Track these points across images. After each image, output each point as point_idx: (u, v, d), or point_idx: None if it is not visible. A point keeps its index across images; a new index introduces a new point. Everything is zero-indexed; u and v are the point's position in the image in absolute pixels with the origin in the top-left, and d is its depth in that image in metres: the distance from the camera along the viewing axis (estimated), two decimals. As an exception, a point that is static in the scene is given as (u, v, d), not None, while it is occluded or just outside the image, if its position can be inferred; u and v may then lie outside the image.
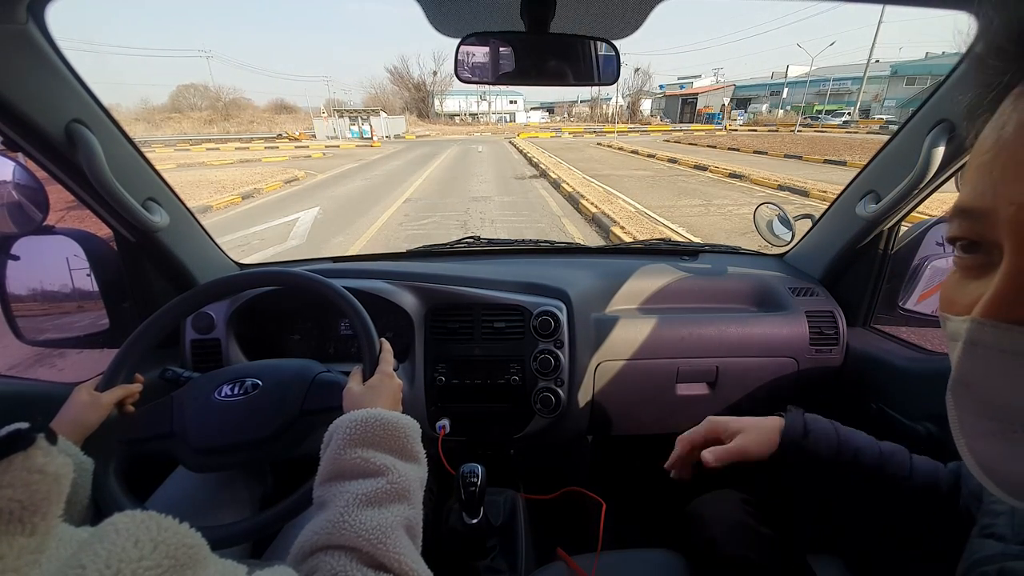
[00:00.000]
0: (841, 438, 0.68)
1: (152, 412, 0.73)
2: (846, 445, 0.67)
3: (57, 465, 0.31)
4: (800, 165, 13.04)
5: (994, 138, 0.27)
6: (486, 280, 1.11)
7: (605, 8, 0.73)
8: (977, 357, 0.27)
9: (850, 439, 0.68)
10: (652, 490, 1.37)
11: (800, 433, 0.69)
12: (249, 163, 16.52)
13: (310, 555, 0.44)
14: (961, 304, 0.29)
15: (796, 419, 0.71)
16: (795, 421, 0.70)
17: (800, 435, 0.68)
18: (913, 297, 1.07)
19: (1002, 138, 0.26)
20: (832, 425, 0.70)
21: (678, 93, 58.93)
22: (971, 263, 0.30)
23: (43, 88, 0.70)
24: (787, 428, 0.70)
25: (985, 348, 0.27)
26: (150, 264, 1.02)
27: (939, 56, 41.52)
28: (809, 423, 0.70)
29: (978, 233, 0.28)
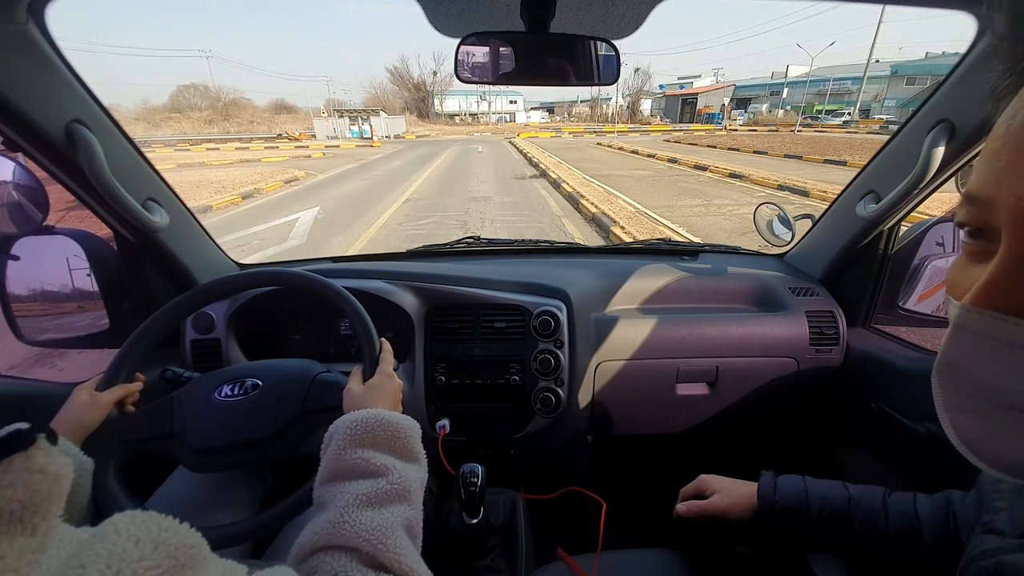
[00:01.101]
0: (809, 492, 0.71)
1: (152, 412, 0.73)
2: (814, 496, 0.71)
3: (57, 465, 0.31)
4: (800, 165, 13.04)
5: (1005, 127, 0.27)
6: (486, 280, 1.11)
7: (605, 8, 0.73)
8: (962, 341, 0.29)
9: (818, 491, 0.72)
10: (652, 490, 1.37)
11: (771, 496, 0.73)
12: (249, 163, 16.52)
13: (310, 555, 0.44)
14: (962, 288, 0.30)
15: (767, 483, 0.75)
16: (767, 485, 0.75)
17: (771, 498, 0.73)
18: (913, 297, 1.07)
19: (1011, 128, 0.26)
20: (802, 481, 0.74)
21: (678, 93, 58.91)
22: (975, 249, 0.31)
23: (43, 88, 0.70)
24: (761, 493, 0.74)
25: (970, 333, 0.28)
26: (150, 264, 1.02)
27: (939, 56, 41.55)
28: (779, 485, 0.74)
29: (982, 220, 0.29)
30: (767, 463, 1.33)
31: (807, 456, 1.23)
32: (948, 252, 1.04)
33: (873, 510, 0.67)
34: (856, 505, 0.68)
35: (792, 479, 0.74)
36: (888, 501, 0.68)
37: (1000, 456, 0.28)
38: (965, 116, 0.76)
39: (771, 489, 0.73)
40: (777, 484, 0.73)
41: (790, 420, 1.25)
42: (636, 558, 0.85)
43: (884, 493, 0.69)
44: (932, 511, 0.65)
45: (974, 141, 0.77)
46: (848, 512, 0.68)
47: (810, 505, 0.70)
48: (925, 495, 0.68)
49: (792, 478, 0.75)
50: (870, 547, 0.68)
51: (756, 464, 1.34)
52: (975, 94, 0.74)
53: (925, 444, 0.84)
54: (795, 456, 1.25)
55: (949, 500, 0.65)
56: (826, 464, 1.18)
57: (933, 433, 0.85)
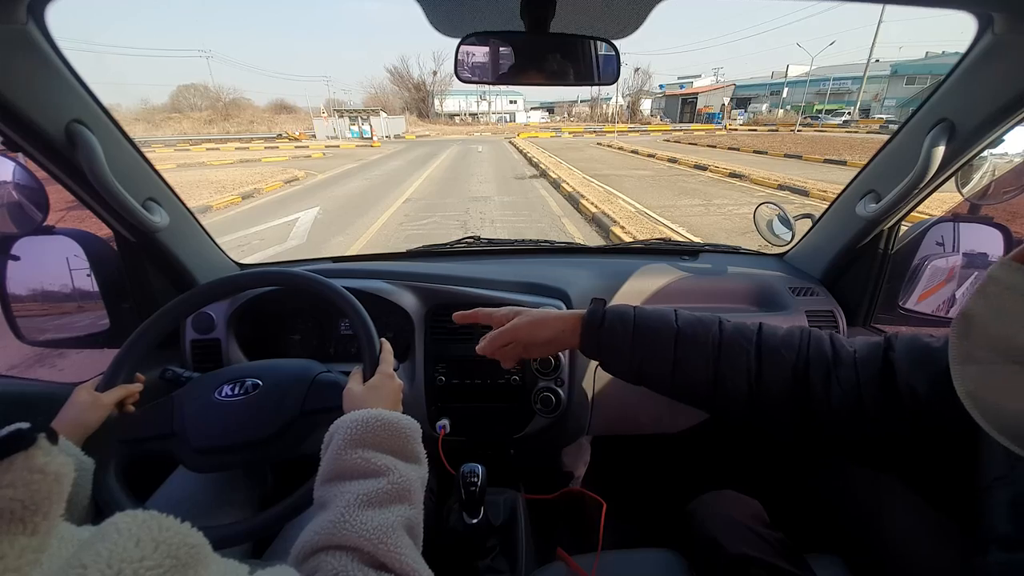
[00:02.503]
0: (638, 321, 0.64)
1: (152, 412, 0.73)
2: (643, 328, 0.63)
3: (58, 465, 0.31)
4: (800, 165, 13.04)
5: None
6: (486, 280, 1.11)
7: (605, 8, 0.73)
8: (990, 293, 0.32)
9: (648, 322, 0.64)
10: (652, 490, 1.37)
11: (597, 323, 0.65)
12: (249, 163, 16.52)
13: (311, 555, 0.44)
14: None
15: (596, 309, 0.67)
16: (595, 311, 0.67)
17: (597, 324, 0.65)
18: (913, 297, 1.07)
19: None
20: (631, 310, 0.66)
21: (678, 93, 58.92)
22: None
23: (43, 88, 0.70)
24: (586, 317, 0.67)
25: (1001, 285, 0.31)
26: (150, 264, 1.02)
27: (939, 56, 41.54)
28: (608, 313, 0.66)
29: None
30: (767, 463, 1.34)
31: (807, 455, 1.23)
32: (948, 252, 1.04)
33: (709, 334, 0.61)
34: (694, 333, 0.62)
35: (622, 309, 0.67)
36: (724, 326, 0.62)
37: (999, 410, 0.30)
38: (965, 116, 0.76)
39: (599, 314, 0.66)
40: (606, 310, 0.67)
41: None
42: (636, 558, 0.85)
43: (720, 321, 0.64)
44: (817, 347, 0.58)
45: (974, 141, 0.77)
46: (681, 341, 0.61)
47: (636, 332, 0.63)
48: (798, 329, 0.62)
49: (623, 308, 0.67)
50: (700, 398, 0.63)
51: (756, 464, 1.35)
52: (975, 94, 0.74)
53: None
54: (794, 455, 1.25)
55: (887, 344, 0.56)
56: (826, 464, 1.18)
57: None
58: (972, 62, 0.72)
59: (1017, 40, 0.65)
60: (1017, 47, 0.65)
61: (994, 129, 0.74)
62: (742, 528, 0.80)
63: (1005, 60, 0.68)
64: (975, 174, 0.89)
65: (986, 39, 0.68)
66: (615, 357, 0.65)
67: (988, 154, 0.83)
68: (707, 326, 0.63)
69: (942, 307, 1.05)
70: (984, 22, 0.67)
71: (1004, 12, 0.63)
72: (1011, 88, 0.69)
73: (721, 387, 0.60)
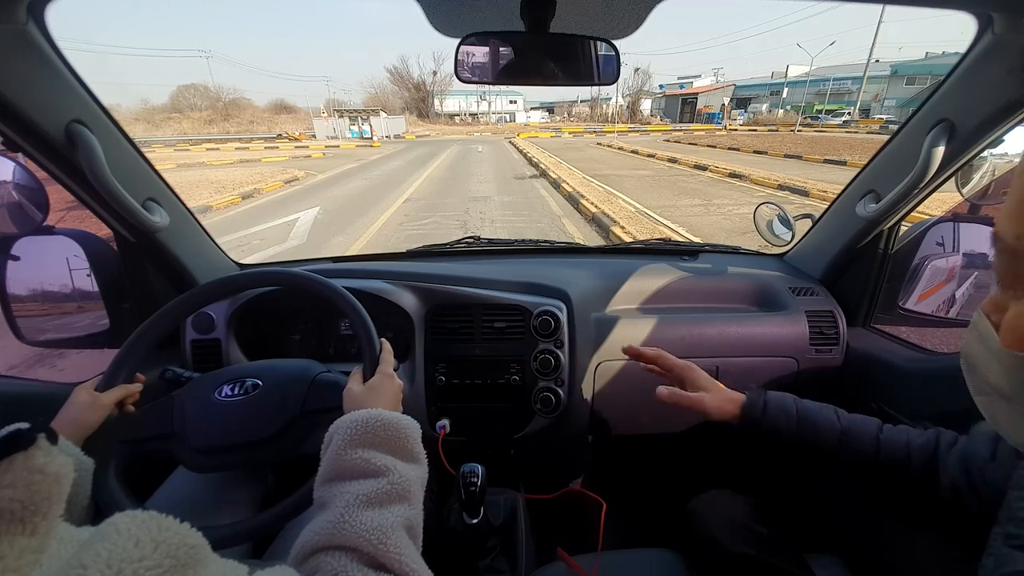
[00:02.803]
0: (800, 414, 0.72)
1: (152, 412, 0.73)
2: (805, 422, 0.71)
3: (58, 465, 0.31)
4: (800, 165, 13.04)
5: None
6: (486, 280, 1.11)
7: (605, 8, 0.73)
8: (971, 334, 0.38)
9: (809, 415, 0.72)
10: (652, 490, 1.37)
11: (759, 411, 0.73)
12: (249, 163, 16.52)
13: (311, 555, 0.44)
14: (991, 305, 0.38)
15: (756, 397, 0.74)
16: (755, 399, 0.74)
17: (759, 413, 0.73)
18: (913, 297, 1.07)
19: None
20: (793, 402, 0.73)
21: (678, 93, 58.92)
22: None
23: (43, 88, 0.70)
24: (746, 404, 0.74)
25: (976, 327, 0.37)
26: (150, 264, 1.02)
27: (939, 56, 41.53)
28: (769, 401, 0.73)
29: None
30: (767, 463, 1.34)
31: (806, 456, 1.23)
32: (948, 252, 1.04)
33: (867, 441, 0.68)
34: (851, 436, 0.69)
35: (783, 401, 0.73)
36: (881, 437, 0.69)
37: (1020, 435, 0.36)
38: (965, 116, 0.76)
39: (759, 409, 0.73)
40: (767, 405, 0.73)
41: None
42: (636, 558, 0.85)
43: (878, 427, 0.70)
44: (922, 446, 0.67)
45: (974, 141, 0.77)
46: (839, 442, 0.69)
47: (800, 425, 0.70)
48: (916, 431, 0.70)
49: (784, 400, 0.74)
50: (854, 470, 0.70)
51: (756, 464, 1.35)
52: (975, 94, 0.74)
53: None
54: (794, 456, 1.25)
55: (938, 439, 0.67)
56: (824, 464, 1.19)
57: None
58: (972, 62, 0.72)
59: (1017, 40, 0.65)
60: (1017, 47, 0.65)
61: (994, 129, 0.74)
62: (742, 528, 0.80)
63: (1005, 60, 0.68)
64: (975, 174, 0.89)
65: (986, 39, 0.68)
66: (774, 439, 0.73)
67: (988, 154, 0.83)
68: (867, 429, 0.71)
69: (942, 307, 1.05)
70: (984, 22, 0.67)
71: (1004, 12, 0.63)
72: (1011, 88, 0.69)
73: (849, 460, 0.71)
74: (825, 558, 0.82)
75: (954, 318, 1.04)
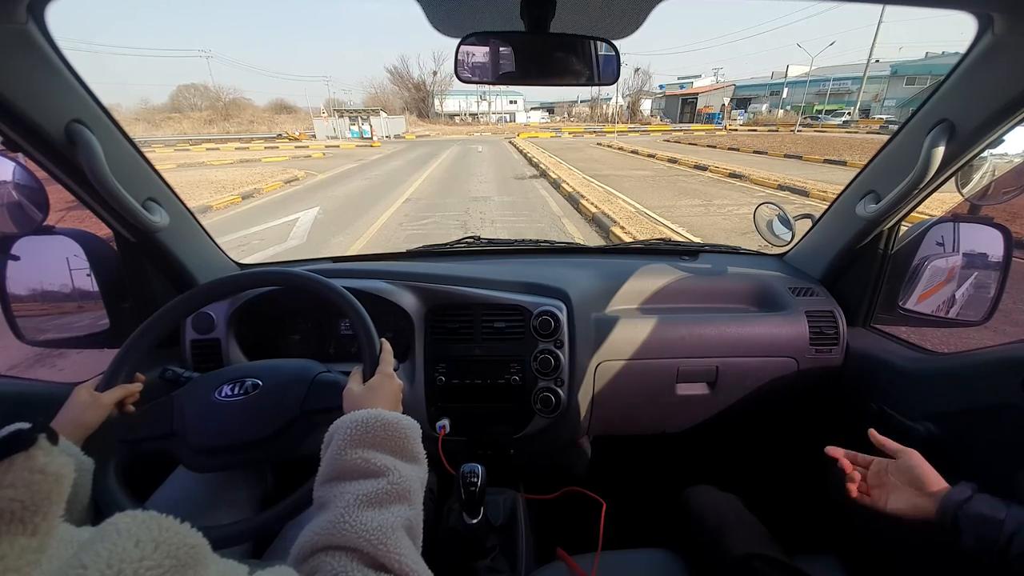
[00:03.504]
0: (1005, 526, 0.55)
1: (152, 412, 0.73)
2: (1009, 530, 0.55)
3: (58, 465, 0.31)
4: (800, 165, 13.03)
5: None
6: (486, 280, 1.11)
7: (605, 8, 0.73)
8: None
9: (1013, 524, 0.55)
10: (652, 490, 1.37)
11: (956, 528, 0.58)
12: (249, 163, 16.51)
13: (311, 555, 0.44)
14: None
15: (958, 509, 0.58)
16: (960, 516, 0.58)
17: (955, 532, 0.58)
18: (913, 297, 1.07)
19: None
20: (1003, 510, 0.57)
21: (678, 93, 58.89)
22: None
23: (43, 88, 0.70)
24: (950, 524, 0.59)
25: None
26: (150, 264, 1.02)
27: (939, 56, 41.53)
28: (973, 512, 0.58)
29: None
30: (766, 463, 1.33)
31: (805, 456, 1.23)
32: (948, 252, 1.04)
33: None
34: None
35: (994, 506, 0.57)
36: None
37: None
38: (965, 116, 0.76)
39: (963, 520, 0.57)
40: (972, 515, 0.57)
41: (790, 420, 1.25)
42: (636, 558, 0.85)
43: None
44: None
45: (974, 141, 0.77)
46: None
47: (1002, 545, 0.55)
48: None
49: (994, 505, 0.58)
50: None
51: (755, 464, 1.35)
52: (975, 94, 0.74)
53: (924, 444, 0.84)
54: (794, 456, 1.25)
55: None
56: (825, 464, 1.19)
57: (933, 433, 0.85)
58: (972, 63, 0.72)
59: (1017, 41, 0.65)
60: (1017, 48, 0.65)
61: (994, 129, 0.74)
62: (742, 528, 0.80)
63: (1005, 61, 0.68)
64: (975, 174, 0.89)
65: (986, 40, 0.68)
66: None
67: (988, 154, 0.83)
68: None
69: (942, 307, 1.05)
70: (984, 23, 0.67)
71: (1004, 13, 0.63)
72: (1011, 88, 0.69)
73: None
74: (822, 558, 0.82)
75: (954, 318, 1.04)
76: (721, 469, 1.37)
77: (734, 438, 1.37)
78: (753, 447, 1.38)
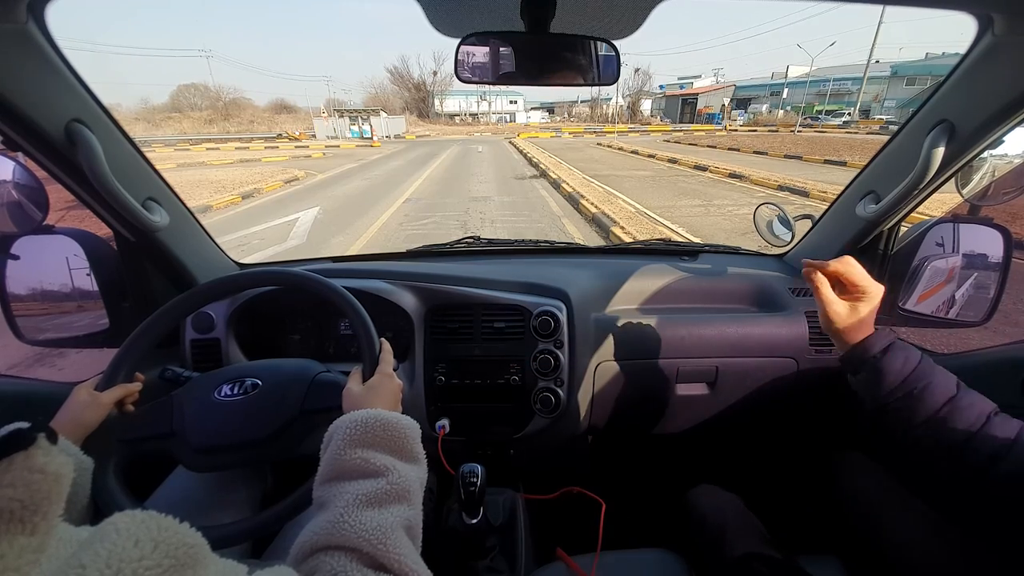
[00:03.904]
0: (920, 366, 0.63)
1: (152, 412, 0.73)
2: (920, 376, 0.63)
3: (57, 465, 0.31)
4: (800, 165, 13.04)
5: None
6: (486, 280, 1.11)
7: (605, 8, 0.73)
8: None
9: (927, 371, 0.63)
10: (652, 490, 1.37)
11: (880, 349, 0.65)
12: (249, 163, 16.52)
13: (310, 555, 0.44)
14: None
15: (883, 336, 0.67)
16: (881, 337, 0.67)
17: (879, 351, 0.65)
18: (913, 297, 1.07)
19: None
20: (920, 355, 0.65)
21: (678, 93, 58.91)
22: None
23: (43, 88, 0.70)
24: (872, 338, 0.67)
25: None
26: (150, 264, 1.02)
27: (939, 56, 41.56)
28: (896, 343, 0.66)
29: None
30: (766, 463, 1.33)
31: (805, 456, 1.23)
32: (948, 253, 1.04)
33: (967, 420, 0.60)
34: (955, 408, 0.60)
35: (910, 350, 0.66)
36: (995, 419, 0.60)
37: None
38: (965, 116, 0.76)
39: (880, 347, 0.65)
40: (891, 348, 0.65)
41: (790, 420, 1.25)
42: (636, 558, 0.85)
43: (994, 411, 0.62)
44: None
45: (974, 141, 0.77)
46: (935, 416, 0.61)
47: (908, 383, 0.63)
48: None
49: (910, 349, 0.66)
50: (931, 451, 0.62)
51: (755, 464, 1.35)
52: (975, 95, 0.74)
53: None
54: (793, 456, 1.25)
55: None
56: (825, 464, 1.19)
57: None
58: (972, 63, 0.72)
59: (1017, 41, 0.65)
60: (1017, 48, 0.65)
61: (994, 130, 0.74)
62: (742, 528, 0.80)
63: (1005, 61, 0.68)
64: (975, 175, 0.89)
65: (986, 40, 0.68)
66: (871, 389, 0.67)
67: (988, 155, 0.83)
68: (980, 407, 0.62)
69: (942, 308, 1.05)
70: (984, 23, 0.67)
71: (1004, 13, 0.63)
72: (1011, 89, 0.69)
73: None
74: (823, 559, 0.82)
75: (954, 319, 1.04)
76: (721, 469, 1.37)
77: (734, 438, 1.37)
78: (753, 447, 1.38)
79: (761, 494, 1.04)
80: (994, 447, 0.58)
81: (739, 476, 1.26)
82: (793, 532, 0.94)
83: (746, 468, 1.34)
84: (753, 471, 1.32)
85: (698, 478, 1.03)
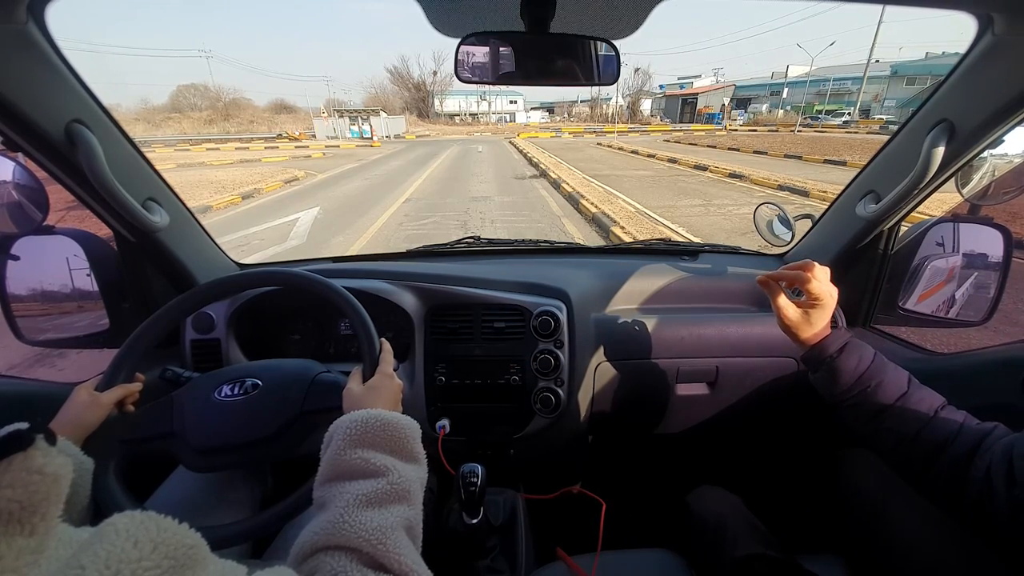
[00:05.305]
0: (874, 363, 0.69)
1: (152, 412, 0.73)
2: (874, 373, 0.68)
3: (56, 465, 0.31)
4: (800, 165, 13.03)
5: None
6: (486, 280, 1.11)
7: (605, 8, 0.73)
8: None
9: (880, 369, 0.69)
10: (652, 490, 1.37)
11: (836, 349, 0.70)
12: (249, 163, 16.53)
13: (310, 555, 0.44)
14: None
15: (839, 337, 0.72)
16: (837, 338, 0.71)
17: (835, 351, 0.70)
18: (913, 297, 1.07)
19: None
20: (874, 352, 0.71)
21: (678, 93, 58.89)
22: None
23: (43, 88, 0.70)
24: (829, 338, 0.72)
25: None
26: (150, 264, 1.02)
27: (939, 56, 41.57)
28: (851, 343, 0.71)
29: None
30: (767, 463, 1.33)
31: (807, 456, 1.23)
32: (948, 252, 1.04)
33: (917, 414, 0.65)
34: (907, 403, 0.66)
35: (864, 347, 0.70)
36: (940, 414, 0.65)
37: None
38: (965, 116, 0.76)
39: (837, 347, 0.70)
40: (846, 348, 0.70)
41: (790, 420, 1.25)
42: (636, 558, 0.85)
43: (941, 405, 0.67)
44: (974, 430, 0.62)
45: (974, 141, 0.77)
46: (893, 409, 0.66)
47: (862, 381, 0.68)
48: (979, 421, 0.65)
49: (864, 346, 0.71)
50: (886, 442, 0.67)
51: (756, 464, 1.35)
52: (975, 95, 0.74)
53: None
54: (795, 456, 1.25)
55: (994, 429, 0.62)
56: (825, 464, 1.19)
57: None
58: (972, 63, 0.72)
59: (1017, 41, 0.65)
60: (1017, 48, 0.65)
61: (994, 130, 0.74)
62: (743, 528, 0.80)
63: (1005, 61, 0.68)
64: (975, 175, 0.88)
65: (986, 40, 0.68)
66: (828, 387, 0.72)
67: (988, 155, 0.83)
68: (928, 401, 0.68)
69: (942, 308, 1.05)
70: (984, 23, 0.67)
71: (1004, 13, 0.63)
72: (1011, 89, 0.69)
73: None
74: (826, 558, 0.82)
75: (954, 318, 1.03)
76: (722, 469, 1.37)
77: (734, 438, 1.37)
78: (753, 447, 1.38)
79: (762, 494, 1.04)
80: (942, 436, 0.63)
81: (740, 476, 1.26)
82: (795, 531, 0.94)
83: (747, 468, 1.34)
84: (754, 471, 1.32)
85: (698, 478, 1.03)
